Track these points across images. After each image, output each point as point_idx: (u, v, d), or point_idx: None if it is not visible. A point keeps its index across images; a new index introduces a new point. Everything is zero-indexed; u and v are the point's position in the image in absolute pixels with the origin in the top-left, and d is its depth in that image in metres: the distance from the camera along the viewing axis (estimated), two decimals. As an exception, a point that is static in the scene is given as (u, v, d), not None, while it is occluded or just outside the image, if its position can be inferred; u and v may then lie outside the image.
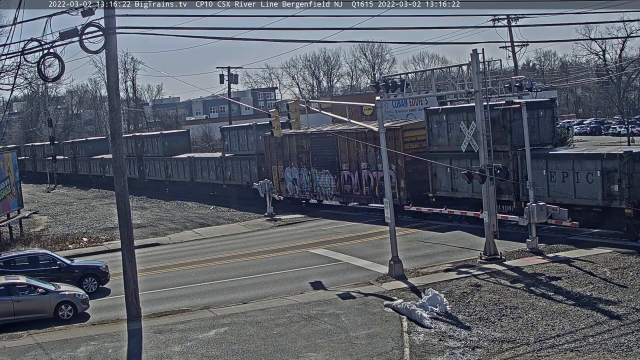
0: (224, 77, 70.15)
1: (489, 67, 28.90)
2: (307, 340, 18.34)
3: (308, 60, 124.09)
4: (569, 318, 18.67)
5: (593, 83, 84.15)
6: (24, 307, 21.88)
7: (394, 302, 20.80)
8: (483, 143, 25.81)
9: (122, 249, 21.83)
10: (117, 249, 24.27)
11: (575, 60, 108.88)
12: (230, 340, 18.79)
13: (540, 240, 26.65)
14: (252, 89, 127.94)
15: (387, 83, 26.96)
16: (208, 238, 37.38)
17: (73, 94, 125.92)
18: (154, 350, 18.47)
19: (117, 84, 22.01)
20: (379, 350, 17.24)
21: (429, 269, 25.12)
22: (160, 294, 25.07)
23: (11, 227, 40.52)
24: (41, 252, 27.53)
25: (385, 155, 25.82)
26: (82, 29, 19.75)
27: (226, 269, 28.57)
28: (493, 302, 20.46)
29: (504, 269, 24.07)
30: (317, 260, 28.64)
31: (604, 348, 16.40)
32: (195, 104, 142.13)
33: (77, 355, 18.44)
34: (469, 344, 17.45)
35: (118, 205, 21.83)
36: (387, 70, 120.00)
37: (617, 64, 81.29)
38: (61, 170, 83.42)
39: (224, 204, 49.59)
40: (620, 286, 20.89)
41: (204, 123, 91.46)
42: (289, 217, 41.46)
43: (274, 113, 31.47)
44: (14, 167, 41.40)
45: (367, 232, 33.85)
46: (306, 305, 21.66)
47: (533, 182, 27.44)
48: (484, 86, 25.84)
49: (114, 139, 21.96)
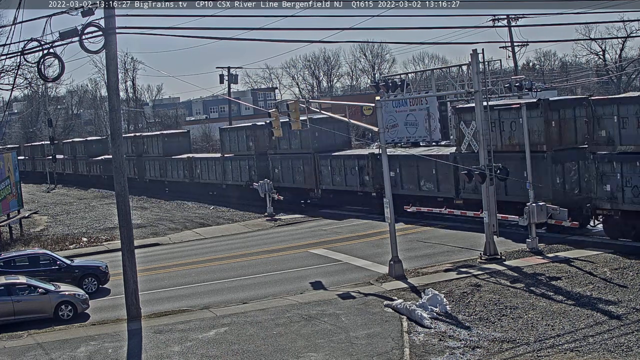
0: (224, 77, 70.13)
1: (489, 67, 28.92)
2: (307, 340, 18.34)
3: (308, 60, 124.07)
4: (569, 318, 18.66)
5: (593, 83, 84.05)
6: (24, 307, 21.88)
7: (394, 302, 20.80)
8: (483, 143, 25.82)
9: (122, 249, 21.83)
10: (117, 249, 24.27)
11: (575, 60, 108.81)
12: (230, 340, 18.79)
13: (540, 241, 26.67)
14: (252, 89, 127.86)
15: (387, 83, 26.97)
16: (208, 238, 37.38)
17: (73, 94, 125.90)
18: (154, 350, 18.47)
19: (117, 84, 22.03)
20: (379, 350, 17.24)
21: (429, 269, 25.13)
22: (160, 294, 25.07)
23: (11, 227, 40.53)
24: (41, 252, 27.54)
25: (385, 155, 25.80)
26: (82, 29, 19.75)
27: (226, 269, 28.57)
28: (493, 302, 20.46)
29: (504, 269, 24.08)
30: (317, 260, 28.64)
31: (604, 348, 16.39)
32: (195, 104, 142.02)
33: (77, 355, 18.44)
34: (469, 344, 17.45)
35: (118, 205, 21.84)
36: (387, 70, 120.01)
37: (617, 64, 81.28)
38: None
39: (224, 204, 49.60)
40: (620, 286, 20.89)
41: (204, 123, 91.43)
42: (289, 217, 41.47)
43: (274, 113, 31.48)
44: (14, 167, 41.40)
45: (367, 232, 33.86)
46: (306, 305, 21.67)
47: (532, 182, 27.46)
48: (484, 86, 25.85)
49: (114, 139, 21.96)
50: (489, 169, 25.37)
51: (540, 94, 30.51)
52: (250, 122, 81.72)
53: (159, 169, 61.84)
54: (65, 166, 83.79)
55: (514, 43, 61.49)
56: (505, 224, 30.06)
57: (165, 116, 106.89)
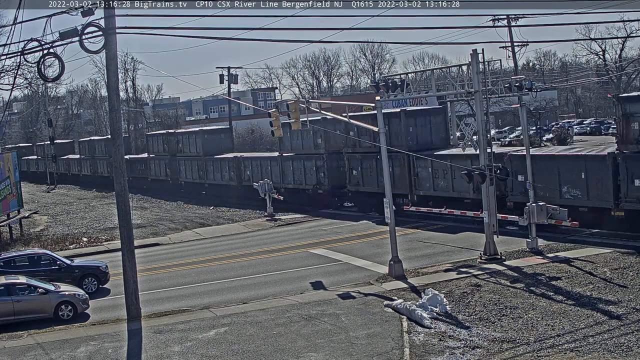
0: (224, 77, 70.14)
1: (489, 67, 28.88)
2: (307, 340, 18.33)
3: (308, 60, 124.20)
4: (569, 318, 18.66)
5: (593, 83, 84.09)
6: (24, 307, 21.88)
7: (394, 302, 20.80)
8: (483, 143, 25.82)
9: (122, 249, 21.82)
10: (117, 249, 24.27)
11: (575, 60, 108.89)
12: (230, 340, 18.78)
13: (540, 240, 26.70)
14: (252, 89, 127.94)
15: (387, 83, 26.94)
16: (208, 238, 37.38)
17: (73, 94, 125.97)
18: (154, 350, 18.47)
19: (117, 84, 22.02)
20: (379, 350, 17.24)
21: (429, 269, 25.13)
22: (160, 294, 25.07)
23: (11, 227, 40.53)
24: (41, 252, 27.54)
25: (385, 155, 25.80)
26: (82, 29, 19.75)
27: (226, 269, 28.57)
28: (493, 302, 20.46)
29: (504, 269, 24.08)
30: (317, 260, 28.64)
31: (604, 348, 16.39)
32: (195, 104, 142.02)
33: (77, 355, 18.44)
34: (469, 344, 17.44)
35: (118, 205, 21.83)
36: (387, 70, 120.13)
37: (617, 64, 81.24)
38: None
39: (224, 204, 49.57)
40: (620, 286, 20.89)
41: (204, 123, 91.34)
42: (289, 217, 41.46)
43: (274, 113, 31.46)
44: (14, 167, 41.41)
45: (367, 232, 33.86)
46: (306, 305, 21.66)
47: (532, 182, 27.45)
48: (484, 86, 25.85)
49: (114, 139, 21.94)
50: (488, 169, 25.40)
51: (540, 94, 30.50)
52: (250, 122, 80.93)
53: (198, 170, 55.69)
54: (82, 167, 78.33)
55: (514, 43, 61.53)
56: (505, 223, 30.07)
57: (165, 116, 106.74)
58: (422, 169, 35.73)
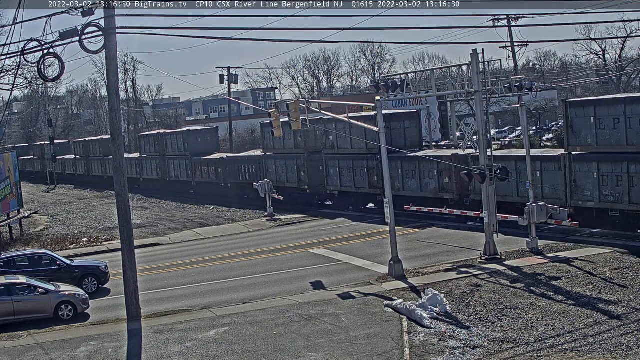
0: (224, 77, 70.18)
1: (489, 67, 28.90)
2: (307, 340, 18.33)
3: (308, 60, 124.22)
4: (569, 318, 18.66)
5: (593, 83, 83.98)
6: (24, 307, 21.88)
7: (394, 302, 20.80)
8: (483, 143, 25.81)
9: (122, 249, 21.82)
10: (117, 249, 24.27)
11: (575, 60, 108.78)
12: (230, 340, 18.79)
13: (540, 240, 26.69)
14: (252, 89, 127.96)
15: (387, 83, 26.94)
16: (208, 238, 37.38)
17: (73, 94, 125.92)
18: (154, 350, 18.47)
19: (117, 84, 22.02)
20: (379, 350, 17.24)
21: (429, 269, 25.12)
22: (160, 294, 25.07)
23: (11, 227, 40.53)
24: (41, 252, 27.55)
25: (385, 155, 25.80)
26: (82, 29, 19.74)
27: (226, 269, 28.57)
28: (493, 302, 20.46)
29: (504, 269, 24.07)
30: (317, 260, 28.64)
31: (604, 348, 16.39)
32: (195, 104, 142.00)
33: (77, 355, 18.44)
34: (469, 344, 17.45)
35: (118, 205, 21.83)
36: (387, 70, 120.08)
37: (617, 64, 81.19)
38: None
39: (224, 204, 49.57)
40: (620, 286, 20.88)
41: (204, 123, 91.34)
42: (289, 217, 41.45)
43: (274, 113, 31.46)
44: (14, 167, 41.42)
45: (367, 232, 33.85)
46: (306, 305, 21.66)
47: (532, 183, 27.45)
48: (484, 86, 25.85)
49: (114, 139, 21.95)
50: (488, 169, 25.39)
51: (540, 94, 30.51)
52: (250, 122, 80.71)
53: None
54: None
55: (514, 43, 61.49)
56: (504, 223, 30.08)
57: (165, 116, 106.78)
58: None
